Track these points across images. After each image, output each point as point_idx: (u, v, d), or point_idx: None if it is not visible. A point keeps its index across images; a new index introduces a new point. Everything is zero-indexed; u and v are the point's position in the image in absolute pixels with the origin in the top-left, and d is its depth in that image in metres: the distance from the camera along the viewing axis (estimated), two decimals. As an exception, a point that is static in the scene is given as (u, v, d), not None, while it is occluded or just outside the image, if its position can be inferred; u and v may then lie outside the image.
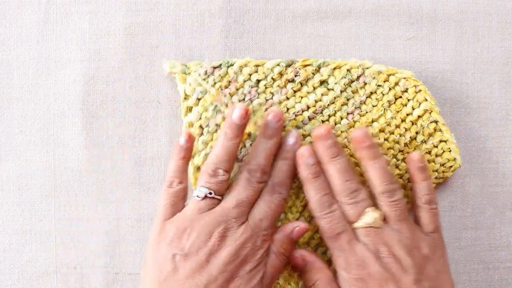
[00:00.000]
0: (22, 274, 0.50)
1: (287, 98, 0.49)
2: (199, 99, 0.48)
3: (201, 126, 0.48)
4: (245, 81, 0.48)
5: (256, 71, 0.48)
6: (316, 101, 0.49)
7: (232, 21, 0.50)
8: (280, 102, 0.49)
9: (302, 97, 0.49)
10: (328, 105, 0.49)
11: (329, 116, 0.49)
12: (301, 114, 0.49)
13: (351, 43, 0.51)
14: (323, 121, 0.49)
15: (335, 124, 0.49)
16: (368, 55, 0.51)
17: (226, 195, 0.45)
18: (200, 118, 0.48)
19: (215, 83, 0.48)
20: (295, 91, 0.49)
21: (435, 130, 0.49)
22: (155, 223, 0.45)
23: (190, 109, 0.48)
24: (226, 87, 0.48)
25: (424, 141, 0.49)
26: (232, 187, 0.45)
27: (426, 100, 0.49)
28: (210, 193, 0.44)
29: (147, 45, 0.50)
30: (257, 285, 0.43)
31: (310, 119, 0.49)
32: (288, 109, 0.49)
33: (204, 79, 0.48)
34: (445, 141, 0.49)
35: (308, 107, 0.49)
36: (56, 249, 0.50)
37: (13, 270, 0.50)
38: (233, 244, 0.43)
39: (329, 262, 0.48)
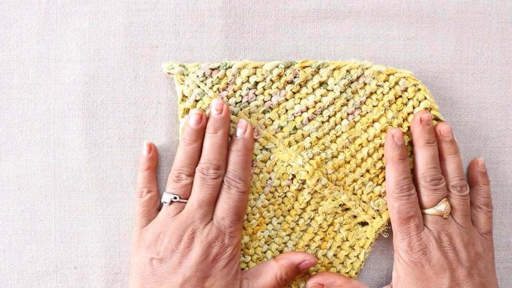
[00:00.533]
0: (22, 274, 0.50)
1: (286, 100, 0.49)
2: (196, 101, 0.48)
3: None
4: (243, 83, 0.48)
5: (255, 73, 0.48)
6: (315, 102, 0.49)
7: (232, 21, 0.50)
8: (278, 104, 0.49)
9: (301, 99, 0.49)
10: (328, 106, 0.49)
11: (329, 117, 0.49)
12: (300, 115, 0.49)
13: (351, 43, 0.51)
14: (322, 122, 0.49)
15: (335, 124, 0.49)
16: (368, 55, 0.51)
17: (190, 198, 0.46)
18: None
19: (213, 85, 0.48)
20: (294, 93, 0.49)
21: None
22: (134, 232, 0.47)
23: (187, 110, 0.48)
24: (224, 89, 0.48)
25: None
26: (193, 188, 0.46)
27: (425, 98, 0.49)
28: (175, 198, 0.46)
29: (147, 45, 0.50)
30: (232, 280, 0.45)
31: (309, 120, 0.49)
32: (287, 110, 0.49)
33: (202, 81, 0.48)
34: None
35: (308, 108, 0.49)
36: (56, 249, 0.50)
37: (13, 270, 0.50)
38: (201, 245, 0.44)
39: (330, 264, 0.49)
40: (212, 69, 0.48)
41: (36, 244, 0.50)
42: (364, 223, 0.50)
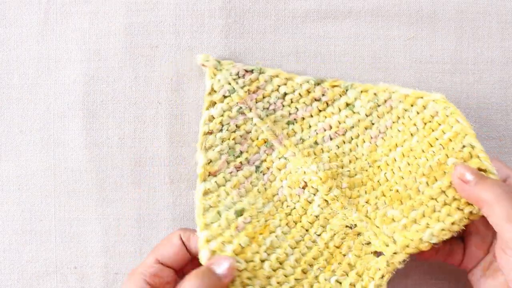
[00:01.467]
0: (22, 274, 0.50)
1: (311, 116, 0.49)
2: (225, 97, 0.48)
3: (221, 123, 0.48)
4: (272, 91, 0.49)
5: (285, 84, 0.49)
6: (339, 122, 0.49)
7: (232, 21, 0.50)
8: (303, 118, 0.49)
9: (326, 117, 0.49)
10: (351, 127, 0.49)
11: (352, 138, 0.49)
12: (322, 133, 0.49)
13: (351, 43, 0.51)
14: (344, 142, 0.49)
15: (357, 146, 0.49)
16: (368, 55, 0.51)
17: None
18: (222, 115, 0.48)
19: (244, 86, 0.48)
20: (320, 110, 0.49)
21: (471, 155, 0.44)
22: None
23: (213, 103, 0.48)
24: (254, 92, 0.49)
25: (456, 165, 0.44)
26: None
27: (458, 122, 0.45)
28: None
29: (147, 45, 0.50)
30: None
31: (331, 138, 0.49)
32: (310, 126, 0.49)
33: (234, 79, 0.48)
34: (483, 170, 0.43)
35: (331, 127, 0.49)
36: (56, 249, 0.50)
37: (13, 270, 0.50)
38: None
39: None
40: (246, 71, 0.49)
41: (36, 244, 0.50)
42: (380, 253, 0.45)
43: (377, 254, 0.45)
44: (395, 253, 0.43)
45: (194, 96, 0.50)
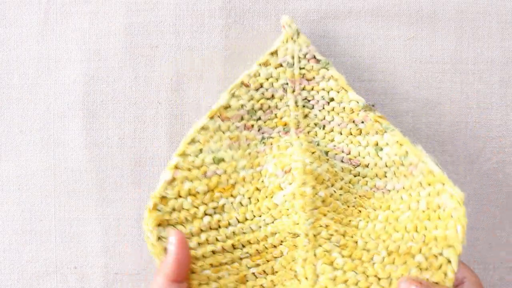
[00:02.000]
0: (22, 274, 0.50)
1: (340, 133, 0.47)
2: (281, 65, 0.47)
3: (261, 84, 0.47)
4: (323, 90, 0.47)
5: (338, 92, 0.47)
6: (359, 154, 0.46)
7: (232, 21, 0.50)
8: (331, 130, 0.47)
9: (352, 142, 0.47)
10: (366, 166, 0.46)
11: (358, 174, 0.46)
12: (339, 152, 0.47)
13: (351, 43, 0.51)
14: (349, 171, 0.46)
15: (357, 183, 0.46)
16: (368, 55, 0.51)
17: None
18: (267, 79, 0.47)
19: (303, 68, 0.47)
20: (350, 133, 0.47)
21: (440, 267, 0.40)
22: None
23: (267, 64, 0.47)
24: (307, 79, 0.47)
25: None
26: None
27: (456, 230, 0.40)
28: None
29: (147, 45, 0.50)
30: None
31: (342, 161, 0.47)
32: (333, 140, 0.47)
33: (299, 57, 0.47)
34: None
35: (349, 153, 0.47)
36: (56, 249, 0.50)
37: (13, 270, 0.50)
38: None
39: None
40: (315, 57, 0.47)
41: (36, 244, 0.50)
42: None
43: (297, 278, 0.43)
44: None
45: (194, 96, 0.50)
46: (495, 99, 0.52)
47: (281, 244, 0.44)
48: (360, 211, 0.45)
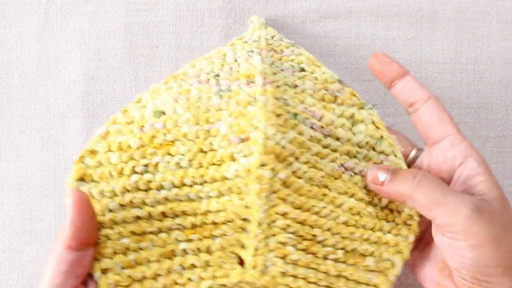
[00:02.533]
0: (22, 274, 0.50)
1: (311, 96, 0.40)
2: (245, 42, 0.42)
3: (225, 55, 0.41)
4: (292, 60, 0.41)
5: (308, 64, 0.41)
6: (331, 124, 0.40)
7: (232, 21, 0.50)
8: (303, 91, 0.40)
9: (324, 108, 0.40)
10: (338, 139, 0.40)
11: (329, 145, 0.39)
12: (310, 116, 0.39)
13: (351, 43, 0.51)
14: (318, 141, 0.39)
15: (326, 157, 0.39)
16: (368, 55, 0.51)
17: None
18: (232, 48, 0.42)
19: (269, 44, 0.42)
20: (323, 99, 0.40)
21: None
22: None
23: (233, 44, 0.42)
24: (275, 51, 0.41)
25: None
26: None
27: (407, 240, 0.40)
28: None
29: (147, 45, 0.50)
30: None
31: (312, 127, 0.39)
32: (303, 102, 0.39)
33: (266, 38, 0.42)
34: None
35: (320, 119, 0.39)
36: (56, 249, 0.50)
37: (13, 270, 0.50)
38: None
39: None
40: (282, 39, 0.43)
41: (36, 244, 0.50)
42: (242, 263, 0.38)
43: (240, 261, 0.38)
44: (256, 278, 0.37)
45: (194, 96, 0.50)
46: (495, 99, 0.52)
47: (225, 224, 0.37)
48: (324, 194, 0.38)
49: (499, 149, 0.52)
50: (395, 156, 0.41)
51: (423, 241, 0.42)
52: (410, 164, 0.42)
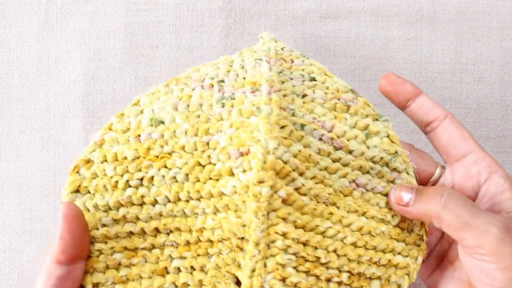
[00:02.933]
0: (22, 274, 0.50)
1: (322, 105, 0.38)
2: (255, 51, 0.40)
3: (233, 62, 0.39)
4: (302, 70, 0.39)
5: (320, 75, 0.39)
6: (343, 136, 0.37)
7: (232, 21, 0.50)
8: (312, 101, 0.37)
9: (336, 118, 0.37)
10: (350, 152, 0.37)
11: (339, 159, 0.37)
12: (319, 127, 0.37)
13: (351, 43, 0.51)
14: (328, 155, 0.36)
15: (335, 173, 0.37)
16: (368, 55, 0.51)
17: None
18: (240, 55, 0.40)
19: (278, 53, 0.39)
20: (335, 109, 0.38)
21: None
22: None
23: (241, 53, 0.40)
24: (285, 61, 0.39)
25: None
26: None
27: (416, 262, 0.39)
28: None
29: (147, 45, 0.50)
30: None
31: (321, 139, 0.37)
32: (312, 112, 0.37)
33: (276, 49, 0.40)
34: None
35: (331, 131, 0.37)
36: (56, 249, 0.50)
37: (13, 270, 0.50)
38: None
39: None
40: (292, 51, 0.40)
41: (36, 244, 0.50)
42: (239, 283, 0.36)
43: (237, 281, 0.36)
44: None
45: (194, 96, 0.50)
46: (495, 99, 0.52)
47: (221, 242, 0.35)
48: (331, 213, 0.36)
49: (499, 149, 0.52)
50: (407, 173, 0.38)
51: (446, 260, 0.40)
52: (434, 183, 0.40)
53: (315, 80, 0.38)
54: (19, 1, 0.50)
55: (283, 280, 0.34)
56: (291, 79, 0.38)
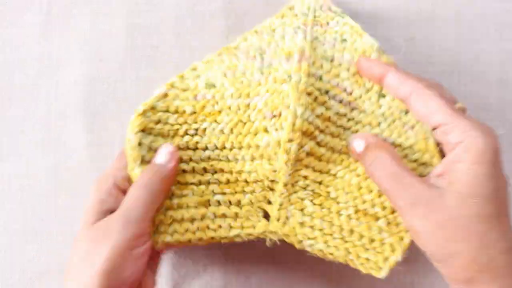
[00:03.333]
0: (23, 274, 0.50)
1: (347, 70, 0.45)
2: (296, 15, 0.46)
3: (274, 31, 0.45)
4: (336, 32, 0.46)
5: (351, 35, 0.45)
6: (360, 97, 0.45)
7: (232, 22, 0.51)
8: (339, 64, 0.44)
9: (357, 81, 0.45)
10: (363, 111, 0.45)
11: (353, 118, 0.45)
12: (340, 90, 0.44)
13: (351, 44, 0.51)
14: (345, 115, 0.45)
15: (348, 129, 0.45)
16: (368, 55, 0.51)
17: None
18: (281, 26, 0.46)
19: (318, 16, 0.46)
20: (358, 73, 0.45)
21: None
22: None
23: (283, 16, 0.46)
24: (320, 25, 0.46)
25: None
26: None
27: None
28: None
29: (148, 45, 0.50)
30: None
31: (341, 101, 0.45)
32: (338, 75, 0.44)
33: (315, 8, 0.46)
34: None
35: (351, 94, 0.45)
36: (57, 249, 0.50)
37: (14, 270, 0.50)
38: None
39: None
40: (329, 9, 0.46)
41: (37, 244, 0.50)
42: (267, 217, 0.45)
43: (265, 215, 0.45)
44: (285, 235, 0.44)
45: (195, 97, 0.50)
46: (493, 99, 0.52)
47: (255, 183, 0.44)
48: (342, 160, 0.44)
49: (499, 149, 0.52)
50: (421, 125, 0.43)
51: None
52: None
53: (345, 41, 0.45)
54: (21, 2, 0.50)
55: (302, 210, 0.44)
56: (323, 44, 0.45)
